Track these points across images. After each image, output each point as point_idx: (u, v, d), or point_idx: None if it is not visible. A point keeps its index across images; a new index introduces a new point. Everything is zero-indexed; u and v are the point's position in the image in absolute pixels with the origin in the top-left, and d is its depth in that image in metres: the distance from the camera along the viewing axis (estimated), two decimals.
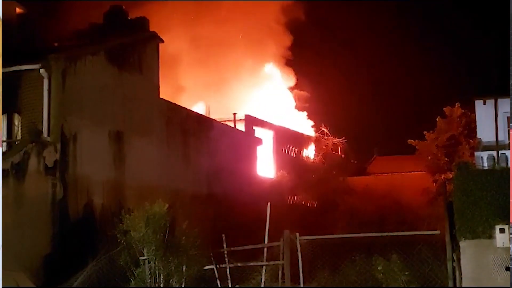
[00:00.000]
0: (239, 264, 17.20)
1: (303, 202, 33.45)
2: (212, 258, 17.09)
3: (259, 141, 32.59)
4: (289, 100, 41.71)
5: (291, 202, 32.74)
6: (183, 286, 15.80)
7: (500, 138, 28.77)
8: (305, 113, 41.48)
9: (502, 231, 14.57)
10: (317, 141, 38.61)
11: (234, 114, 32.46)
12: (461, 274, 14.79)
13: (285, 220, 24.03)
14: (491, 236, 14.70)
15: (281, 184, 32.19)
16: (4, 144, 19.77)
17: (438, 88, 54.38)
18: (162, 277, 15.50)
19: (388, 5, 54.16)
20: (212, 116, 31.49)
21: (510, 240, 14.32)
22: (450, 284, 14.83)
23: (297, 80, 42.30)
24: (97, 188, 20.73)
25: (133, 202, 19.93)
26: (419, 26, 62.49)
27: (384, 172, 39.09)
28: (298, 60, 42.36)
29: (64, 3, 31.48)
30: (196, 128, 26.79)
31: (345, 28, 53.49)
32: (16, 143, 19.45)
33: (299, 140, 37.72)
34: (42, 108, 19.38)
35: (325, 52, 46.88)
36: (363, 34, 57.46)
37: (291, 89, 42.07)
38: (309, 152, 38.08)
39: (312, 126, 40.56)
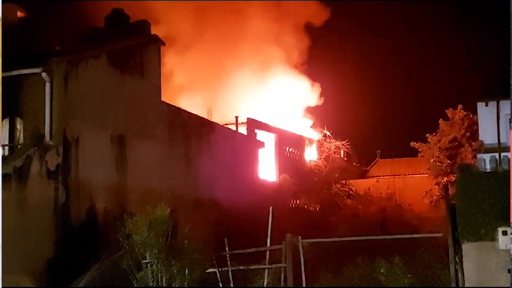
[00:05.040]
0: (241, 267, 17.19)
1: (305, 206, 33.43)
2: (214, 262, 17.08)
3: (261, 144, 32.58)
4: (293, 103, 41.71)
5: (293, 206, 32.71)
6: None
7: (502, 140, 28.73)
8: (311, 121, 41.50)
9: (504, 233, 14.53)
10: (319, 144, 38.59)
11: (236, 117, 32.47)
12: (463, 277, 14.77)
13: (288, 223, 24.06)
14: (493, 239, 14.67)
15: (283, 188, 32.17)
16: (7, 148, 19.81)
17: (440, 90, 54.35)
18: (164, 280, 15.49)
19: (391, 8, 54.21)
20: (214, 119, 31.50)
21: None
22: (453, 286, 14.81)
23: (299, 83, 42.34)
24: (99, 192, 20.74)
25: (136, 206, 19.96)
26: (422, 29, 62.47)
27: (386, 175, 39.09)
28: (300, 63, 42.37)
29: (65, 6, 31.50)
30: (198, 131, 26.79)
31: (348, 32, 53.49)
32: (19, 147, 19.46)
33: (302, 143, 37.70)
34: (44, 112, 19.40)
35: (327, 55, 46.89)
36: (366, 38, 57.46)
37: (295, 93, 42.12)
38: (312, 155, 38.05)
39: (311, 126, 40.54)
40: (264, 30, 40.71)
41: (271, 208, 17.34)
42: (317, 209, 33.70)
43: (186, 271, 15.66)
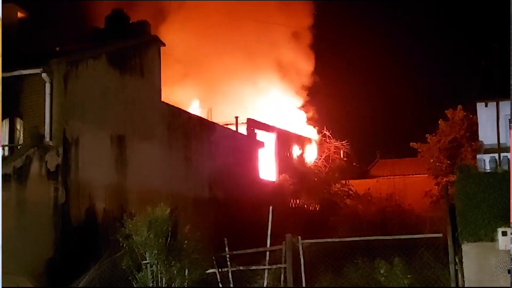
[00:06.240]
0: (241, 268, 17.20)
1: (305, 206, 33.41)
2: (214, 262, 17.09)
3: (261, 144, 32.59)
4: (293, 103, 41.73)
5: (293, 206, 32.71)
6: None
7: (502, 141, 28.70)
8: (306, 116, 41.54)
9: (504, 233, 14.56)
10: (319, 144, 38.61)
11: (236, 117, 32.49)
12: (463, 277, 14.80)
13: (287, 223, 24.06)
14: (493, 239, 14.70)
15: (283, 188, 32.18)
16: (6, 148, 19.80)
17: (440, 91, 54.38)
18: (164, 281, 15.49)
19: (391, 8, 54.25)
20: (214, 120, 31.50)
21: None
22: (453, 286, 14.83)
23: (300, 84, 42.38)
24: (99, 192, 20.73)
25: (135, 206, 19.96)
26: (421, 30, 62.49)
27: (386, 175, 39.07)
28: (300, 62, 42.34)
29: (65, 7, 31.50)
30: (198, 131, 26.79)
31: (347, 31, 53.55)
32: (18, 147, 19.46)
33: (302, 143, 37.72)
34: (44, 112, 19.38)
35: (327, 55, 46.89)
36: (365, 38, 57.47)
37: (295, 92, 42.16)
38: (312, 155, 38.06)
39: (311, 126, 40.58)
40: (264, 30, 40.73)
41: (271, 208, 17.35)
42: (317, 209, 33.68)
43: (186, 272, 15.67)
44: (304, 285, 16.11)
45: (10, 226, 16.88)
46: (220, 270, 17.15)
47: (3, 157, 18.52)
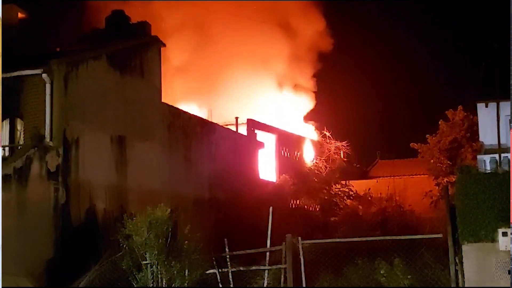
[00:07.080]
0: (241, 268, 17.20)
1: (305, 206, 33.40)
2: (214, 262, 17.10)
3: (261, 144, 32.58)
4: (292, 103, 41.71)
5: (293, 206, 32.70)
6: None
7: (502, 141, 28.64)
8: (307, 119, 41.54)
9: (504, 234, 14.56)
10: (319, 144, 38.58)
11: (236, 118, 32.48)
12: (463, 278, 14.80)
13: (287, 224, 24.06)
14: (493, 240, 14.69)
15: (283, 188, 32.15)
16: (7, 149, 19.81)
17: (440, 91, 54.37)
18: (164, 281, 15.50)
19: (391, 9, 54.25)
20: (214, 120, 31.49)
21: None
22: (453, 287, 14.83)
23: (299, 84, 42.37)
24: (99, 192, 20.73)
25: (135, 207, 19.95)
26: (421, 31, 62.51)
27: (386, 176, 38.99)
28: (299, 63, 42.33)
29: (66, 8, 31.51)
30: (198, 132, 26.80)
31: (348, 31, 53.50)
32: (19, 148, 19.46)
33: (302, 143, 37.71)
34: (45, 113, 19.39)
35: (327, 56, 46.85)
36: (366, 38, 57.48)
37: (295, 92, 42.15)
38: (312, 155, 38.04)
39: (314, 128, 40.55)
40: (265, 31, 40.70)
41: (271, 208, 17.34)
42: (317, 209, 33.66)
43: (186, 272, 15.67)
44: (304, 285, 16.11)
45: (10, 227, 16.88)
46: (220, 270, 17.16)
47: (4, 158, 18.53)
